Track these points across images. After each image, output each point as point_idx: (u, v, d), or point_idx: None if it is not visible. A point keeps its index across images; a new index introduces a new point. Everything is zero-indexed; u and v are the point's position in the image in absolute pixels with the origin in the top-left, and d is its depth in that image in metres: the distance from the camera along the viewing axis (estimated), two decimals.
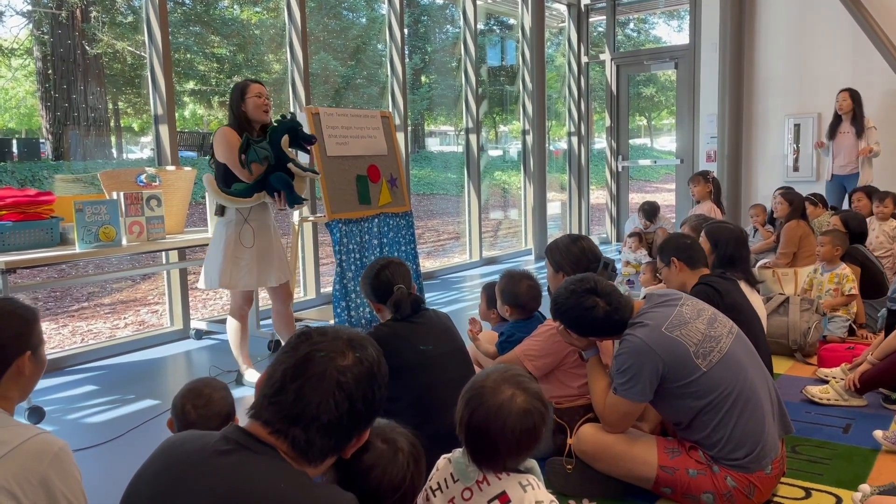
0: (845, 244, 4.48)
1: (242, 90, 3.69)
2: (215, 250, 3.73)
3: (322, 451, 1.27)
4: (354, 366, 1.28)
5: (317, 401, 1.24)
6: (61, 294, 7.26)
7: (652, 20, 16.36)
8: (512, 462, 1.67)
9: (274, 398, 1.26)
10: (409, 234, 4.95)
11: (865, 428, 3.00)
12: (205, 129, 13.74)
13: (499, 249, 9.95)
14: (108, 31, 10.07)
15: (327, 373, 1.26)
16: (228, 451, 1.24)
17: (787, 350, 4.10)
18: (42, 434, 1.53)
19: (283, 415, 1.25)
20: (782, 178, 7.79)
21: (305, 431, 1.24)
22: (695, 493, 2.34)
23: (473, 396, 1.67)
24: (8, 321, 1.61)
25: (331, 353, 1.28)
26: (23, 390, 1.67)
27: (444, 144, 15.96)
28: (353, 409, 1.27)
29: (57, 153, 9.19)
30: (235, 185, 3.62)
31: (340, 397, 1.25)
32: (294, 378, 1.26)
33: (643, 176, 18.31)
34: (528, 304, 3.02)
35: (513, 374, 1.72)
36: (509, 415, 1.62)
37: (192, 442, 1.30)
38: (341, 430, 1.27)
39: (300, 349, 1.30)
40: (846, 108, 6.52)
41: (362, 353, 1.31)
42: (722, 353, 2.31)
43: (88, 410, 3.64)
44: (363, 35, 13.74)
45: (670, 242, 3.19)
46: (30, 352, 1.64)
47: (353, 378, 1.27)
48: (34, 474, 1.46)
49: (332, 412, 1.24)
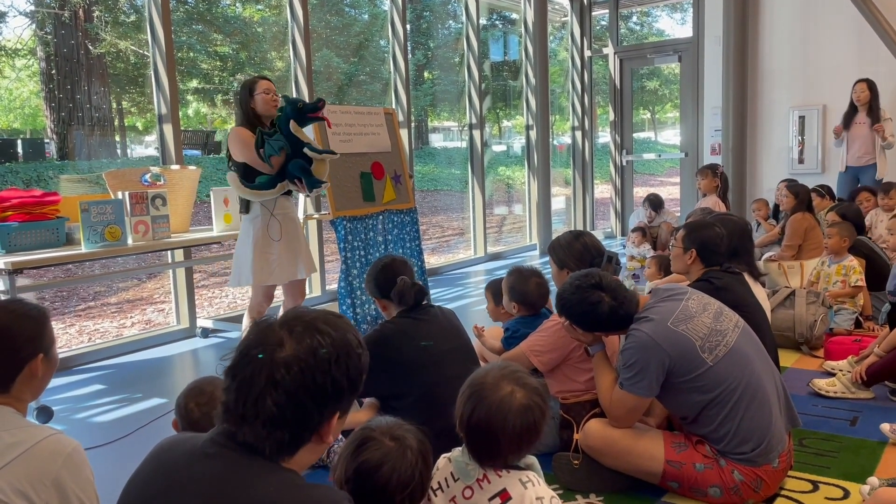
0: (853, 236, 4.47)
1: (251, 87, 3.71)
2: (244, 248, 3.75)
3: (279, 445, 1.22)
4: (291, 357, 1.21)
5: (253, 399, 1.20)
6: (68, 294, 7.29)
7: (655, 13, 16.30)
8: (513, 458, 1.68)
9: (223, 398, 1.24)
10: (413, 231, 4.95)
11: (873, 420, 3.00)
12: (209, 127, 13.76)
13: (503, 245, 9.95)
14: (110, 31, 10.09)
15: (260, 370, 1.20)
16: (215, 454, 1.22)
17: (794, 343, 4.09)
18: (55, 434, 1.54)
19: (231, 415, 1.22)
20: (787, 171, 7.76)
21: (252, 428, 1.21)
22: (702, 488, 2.34)
23: (473, 394, 1.68)
24: (19, 324, 1.61)
25: (266, 346, 1.22)
26: (35, 391, 1.67)
27: (447, 140, 15.95)
28: (297, 402, 1.21)
29: (62, 153, 9.22)
30: (258, 178, 3.64)
31: (277, 394, 1.19)
32: (233, 377, 1.23)
33: (647, 170, 18.27)
34: (537, 302, 3.02)
35: (512, 370, 1.72)
36: (509, 411, 1.63)
37: (181, 445, 1.29)
38: (288, 423, 1.21)
39: (241, 344, 1.26)
40: (864, 98, 6.42)
41: (302, 341, 1.22)
42: (728, 347, 2.30)
43: (96, 409, 3.65)
44: (365, 31, 13.74)
45: (700, 234, 3.11)
46: (42, 354, 1.64)
47: (290, 371, 1.20)
48: (47, 475, 1.47)
49: (270, 409, 1.19)
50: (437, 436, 1.82)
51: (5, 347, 1.59)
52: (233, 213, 4.54)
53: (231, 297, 7.45)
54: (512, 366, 1.78)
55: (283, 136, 3.57)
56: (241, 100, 3.72)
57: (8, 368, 1.59)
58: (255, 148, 3.59)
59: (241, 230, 3.80)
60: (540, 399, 1.67)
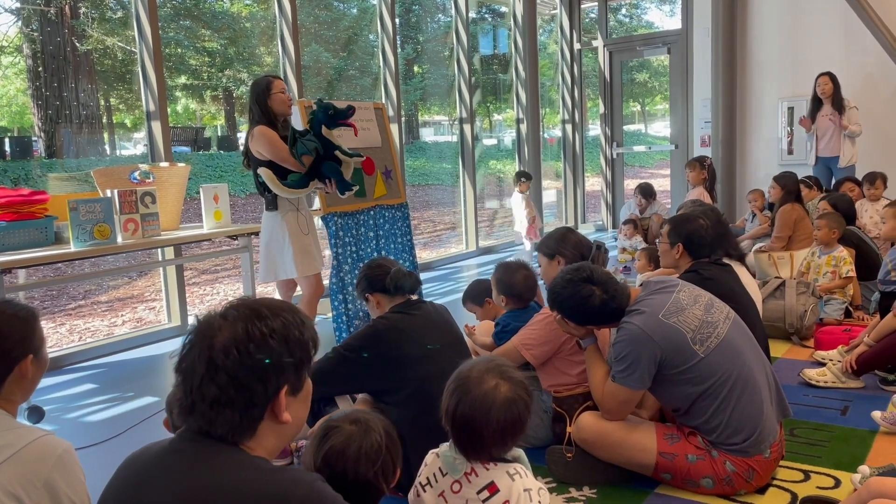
0: (842, 226, 4.49)
1: (267, 87, 3.77)
2: (279, 243, 3.86)
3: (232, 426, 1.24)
4: (228, 339, 1.23)
5: (196, 385, 1.23)
6: (58, 293, 7.25)
7: (644, 5, 16.30)
8: (498, 451, 1.68)
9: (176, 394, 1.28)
10: (404, 226, 4.95)
11: (863, 409, 3.02)
12: (198, 123, 13.69)
13: (495, 239, 9.95)
14: (97, 27, 10.01)
15: (200, 356, 1.24)
16: (182, 448, 1.25)
17: (784, 333, 4.12)
18: (46, 436, 1.53)
19: (182, 409, 1.26)
20: (777, 162, 7.80)
21: (201, 414, 1.23)
22: (694, 479, 2.35)
23: (458, 387, 1.69)
24: (8, 325, 1.60)
25: (205, 335, 1.25)
26: (25, 392, 1.67)
27: (438, 134, 15.93)
28: (237, 381, 1.22)
29: (49, 151, 9.15)
30: (291, 176, 3.73)
31: (217, 376, 1.22)
32: (179, 371, 1.27)
33: (638, 162, 18.30)
34: (524, 294, 3.03)
35: (497, 364, 1.74)
36: (493, 405, 1.64)
37: (150, 449, 1.31)
38: (234, 402, 1.23)
39: (184, 341, 1.29)
40: (828, 91, 6.56)
41: (236, 323, 1.25)
42: (719, 339, 2.31)
43: (87, 409, 3.64)
44: (354, 26, 13.68)
45: (685, 227, 3.12)
46: (32, 355, 1.63)
47: (227, 353, 1.22)
48: (38, 476, 1.46)
49: (212, 391, 1.22)
50: (428, 431, 1.82)
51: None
52: (223, 211, 4.52)
53: (222, 294, 7.43)
54: (498, 360, 1.79)
55: (315, 138, 3.69)
56: (258, 99, 3.78)
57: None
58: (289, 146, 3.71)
59: (269, 226, 3.90)
60: (524, 393, 1.67)
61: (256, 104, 3.78)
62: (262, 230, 3.97)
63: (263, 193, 3.88)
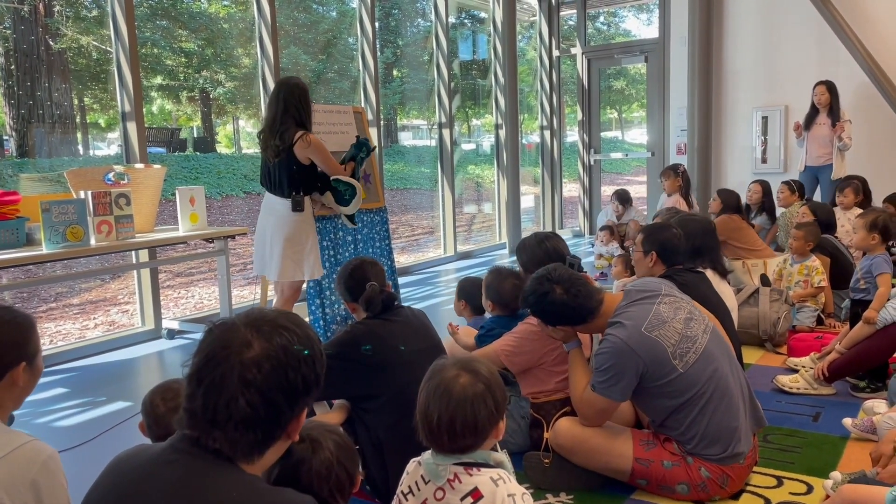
0: (817, 238, 4.54)
1: (307, 94, 3.89)
2: (303, 244, 3.95)
3: (251, 446, 1.21)
4: (262, 356, 1.20)
5: (224, 402, 1.18)
6: (28, 295, 7.12)
7: (622, 13, 16.46)
8: (468, 440, 1.64)
9: (187, 405, 1.21)
10: (383, 231, 4.93)
11: (835, 416, 3.06)
12: (173, 124, 13.55)
13: (473, 244, 9.96)
14: (72, 26, 9.88)
15: (230, 371, 1.19)
16: (176, 460, 1.20)
17: (758, 340, 4.16)
18: (32, 441, 1.54)
19: (198, 421, 1.20)
20: (751, 170, 7.90)
21: (224, 432, 1.19)
22: (670, 485, 2.37)
23: (425, 381, 1.69)
24: (6, 330, 1.59)
25: (233, 347, 1.20)
26: (16, 400, 1.66)
27: (416, 139, 15.92)
28: (270, 401, 1.20)
29: (21, 151, 9.00)
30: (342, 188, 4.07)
31: (250, 394, 1.18)
32: (199, 382, 1.20)
33: (615, 169, 18.45)
34: (510, 303, 3.04)
35: (467, 359, 1.73)
36: (451, 395, 1.62)
37: (140, 455, 1.26)
38: (262, 423, 1.21)
39: (201, 348, 1.23)
40: (824, 101, 6.55)
41: (271, 339, 1.22)
42: (697, 354, 2.33)
43: (58, 414, 3.57)
44: (334, 29, 13.64)
45: (659, 235, 3.15)
46: (25, 363, 1.62)
47: (262, 370, 1.19)
48: (23, 481, 1.47)
49: (244, 410, 1.18)
50: (407, 437, 1.81)
51: None
52: (199, 213, 4.48)
53: (198, 297, 7.35)
54: (472, 357, 1.78)
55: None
56: (302, 103, 3.84)
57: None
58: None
59: (298, 228, 3.94)
60: (484, 386, 1.64)
61: (301, 108, 3.84)
62: (284, 230, 3.91)
63: (290, 195, 3.89)
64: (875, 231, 3.60)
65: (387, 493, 2.30)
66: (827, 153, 6.61)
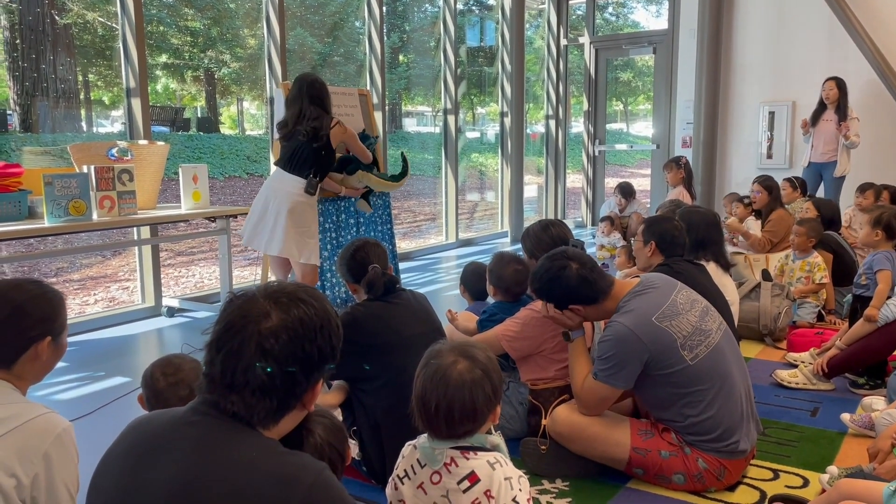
0: (819, 234, 4.53)
1: (326, 88, 4.04)
2: (312, 228, 4.03)
3: (267, 412, 1.25)
4: (280, 326, 1.24)
5: (242, 368, 1.22)
6: (29, 269, 7.12)
7: (631, 4, 16.35)
8: (466, 426, 1.64)
9: (207, 371, 1.25)
10: (385, 215, 4.93)
11: (833, 411, 3.07)
12: (178, 103, 13.50)
13: (475, 231, 9.95)
14: (78, 1, 9.82)
15: (248, 339, 1.22)
16: (197, 421, 1.23)
17: (758, 334, 4.16)
18: (49, 413, 1.55)
19: (216, 385, 1.24)
20: (756, 165, 7.87)
21: (241, 396, 1.22)
22: (666, 474, 2.37)
23: (422, 365, 1.69)
24: (33, 303, 1.61)
25: (252, 317, 1.24)
26: (38, 373, 1.68)
27: (421, 125, 15.86)
28: (285, 371, 1.24)
29: (25, 125, 8.97)
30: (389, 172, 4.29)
31: (268, 362, 1.22)
32: (218, 349, 1.24)
33: (619, 161, 18.39)
34: (512, 288, 3.03)
35: (464, 344, 1.73)
36: (448, 380, 1.62)
37: (160, 417, 1.29)
38: (278, 391, 1.24)
39: (222, 317, 1.27)
40: (833, 97, 6.49)
41: (289, 310, 1.25)
42: (709, 349, 2.32)
43: (58, 387, 3.58)
44: (341, 11, 13.56)
45: (658, 227, 3.17)
46: (50, 337, 1.64)
47: (279, 340, 1.23)
48: (36, 452, 1.48)
49: (260, 378, 1.22)
50: (405, 419, 1.81)
51: (15, 325, 1.59)
52: (201, 191, 4.47)
53: (198, 276, 7.35)
54: (468, 341, 1.78)
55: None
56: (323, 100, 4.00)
57: (14, 346, 1.60)
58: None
59: (305, 210, 3.97)
60: (481, 372, 1.64)
61: (323, 105, 3.97)
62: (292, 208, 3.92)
63: (307, 176, 3.92)
64: (878, 227, 3.59)
65: (383, 475, 2.30)
66: (832, 150, 6.56)
